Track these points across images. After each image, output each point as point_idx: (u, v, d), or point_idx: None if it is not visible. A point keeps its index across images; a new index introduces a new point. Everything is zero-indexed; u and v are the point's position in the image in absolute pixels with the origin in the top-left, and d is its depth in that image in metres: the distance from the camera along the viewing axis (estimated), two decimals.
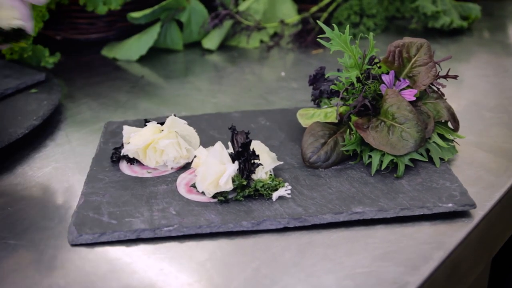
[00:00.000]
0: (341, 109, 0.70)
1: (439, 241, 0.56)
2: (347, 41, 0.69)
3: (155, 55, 1.11)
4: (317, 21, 0.72)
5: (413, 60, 0.70)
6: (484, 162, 0.70)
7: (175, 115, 0.70)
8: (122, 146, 0.69)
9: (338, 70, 0.74)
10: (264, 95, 0.92)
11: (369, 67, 0.70)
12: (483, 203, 0.61)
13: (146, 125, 0.69)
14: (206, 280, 0.52)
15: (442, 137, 0.69)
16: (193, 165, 0.65)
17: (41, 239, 0.59)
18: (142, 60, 1.09)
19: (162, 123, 0.69)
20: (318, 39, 0.69)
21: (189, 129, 0.70)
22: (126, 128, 0.69)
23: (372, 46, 0.69)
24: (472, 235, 0.58)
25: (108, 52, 1.12)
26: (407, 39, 0.71)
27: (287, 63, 1.10)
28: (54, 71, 0.99)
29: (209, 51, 1.13)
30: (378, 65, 0.71)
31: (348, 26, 0.70)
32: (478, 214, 0.60)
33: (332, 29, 0.68)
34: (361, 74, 0.69)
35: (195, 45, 1.15)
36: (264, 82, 1.00)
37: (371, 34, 0.69)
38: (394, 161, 0.65)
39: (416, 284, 0.51)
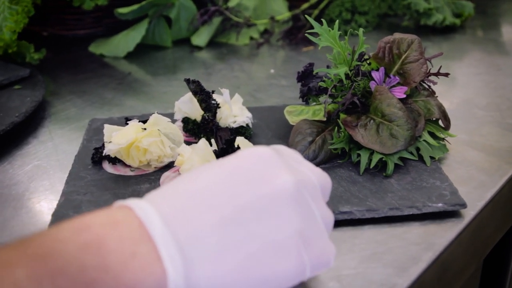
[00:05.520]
0: (329, 107, 0.69)
1: (429, 242, 0.54)
2: (336, 37, 0.67)
3: (143, 52, 1.09)
4: (305, 15, 0.70)
5: (403, 57, 0.68)
6: (476, 161, 0.68)
7: (157, 113, 0.68)
8: (103, 146, 0.67)
9: (328, 67, 0.72)
10: (252, 93, 0.90)
11: (359, 63, 0.68)
12: (474, 202, 0.60)
13: (127, 124, 0.67)
14: None
15: (432, 135, 0.68)
16: (176, 163, 0.63)
17: (21, 237, 0.56)
18: (129, 56, 1.07)
19: (144, 121, 0.67)
20: (306, 34, 0.68)
21: (172, 127, 0.68)
22: (107, 127, 0.67)
23: (362, 42, 0.67)
24: (462, 235, 0.57)
25: (96, 48, 1.10)
26: (397, 35, 0.69)
27: (277, 60, 1.08)
28: (40, 68, 0.97)
29: (198, 48, 1.12)
30: (368, 61, 0.70)
31: (337, 21, 0.68)
32: (469, 214, 0.58)
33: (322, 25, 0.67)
34: (350, 70, 0.68)
35: (183, 42, 1.13)
36: (253, 80, 0.98)
37: (361, 29, 0.67)
38: (383, 159, 0.63)
39: (404, 286, 0.49)
